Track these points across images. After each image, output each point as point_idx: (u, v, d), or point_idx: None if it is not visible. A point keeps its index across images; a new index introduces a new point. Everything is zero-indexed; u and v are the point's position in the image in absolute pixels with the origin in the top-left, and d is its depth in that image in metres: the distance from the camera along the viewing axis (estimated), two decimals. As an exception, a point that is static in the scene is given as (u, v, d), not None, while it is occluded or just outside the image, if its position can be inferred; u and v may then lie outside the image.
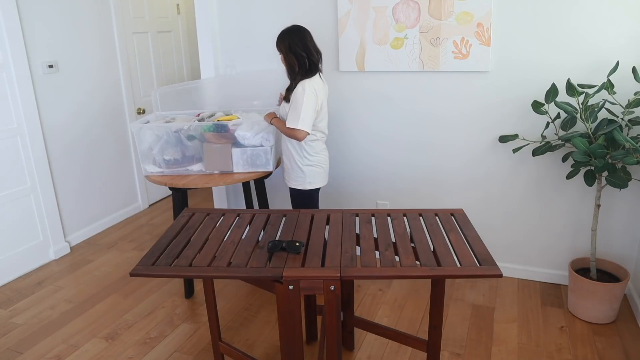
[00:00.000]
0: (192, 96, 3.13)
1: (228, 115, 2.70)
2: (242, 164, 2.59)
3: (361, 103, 2.91)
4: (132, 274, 1.60)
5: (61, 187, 3.36)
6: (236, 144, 2.59)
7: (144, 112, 4.01)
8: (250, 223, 1.97)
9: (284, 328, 1.64)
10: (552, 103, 2.39)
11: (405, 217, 1.95)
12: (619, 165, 2.31)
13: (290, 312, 1.61)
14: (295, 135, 2.30)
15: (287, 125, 2.30)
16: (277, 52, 2.38)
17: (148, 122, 2.67)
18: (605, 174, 2.30)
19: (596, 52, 2.40)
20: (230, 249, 1.74)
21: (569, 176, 2.40)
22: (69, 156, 3.41)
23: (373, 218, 2.01)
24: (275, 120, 2.43)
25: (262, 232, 1.89)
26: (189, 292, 2.81)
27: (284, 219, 1.99)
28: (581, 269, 2.55)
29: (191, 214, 2.08)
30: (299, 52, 2.32)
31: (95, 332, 2.50)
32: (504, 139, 2.61)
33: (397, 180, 2.97)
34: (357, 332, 2.42)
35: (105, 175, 3.75)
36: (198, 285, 2.89)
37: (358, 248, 2.67)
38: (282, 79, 3.05)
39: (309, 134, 2.31)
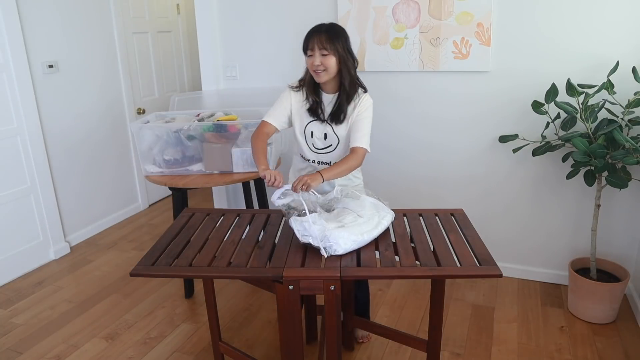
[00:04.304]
0: (206, 102, 3.17)
1: (228, 115, 2.70)
2: (242, 164, 2.59)
3: (361, 103, 2.91)
4: (132, 274, 1.60)
5: (61, 187, 3.36)
6: (236, 144, 2.59)
7: (144, 112, 4.01)
8: (250, 223, 1.97)
9: (284, 328, 1.64)
10: (552, 103, 2.39)
11: (405, 217, 1.95)
12: (619, 165, 2.31)
13: (290, 312, 1.61)
14: (362, 160, 1.88)
15: (361, 146, 1.87)
16: (301, 55, 1.93)
17: (148, 122, 2.67)
18: (605, 174, 2.30)
19: (596, 52, 2.40)
20: (230, 249, 1.74)
21: (569, 176, 2.40)
22: (69, 156, 3.41)
23: (373, 218, 2.01)
24: (328, 173, 1.79)
25: (262, 232, 1.88)
26: (189, 292, 2.81)
27: (284, 219, 1.99)
28: (581, 269, 2.55)
29: (191, 214, 2.08)
30: (355, 57, 1.92)
31: (95, 332, 2.50)
32: (504, 139, 2.61)
33: (397, 180, 2.97)
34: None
35: (105, 175, 3.75)
36: (198, 285, 2.88)
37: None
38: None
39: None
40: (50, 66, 3.19)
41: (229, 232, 1.89)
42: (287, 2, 2.91)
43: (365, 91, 1.97)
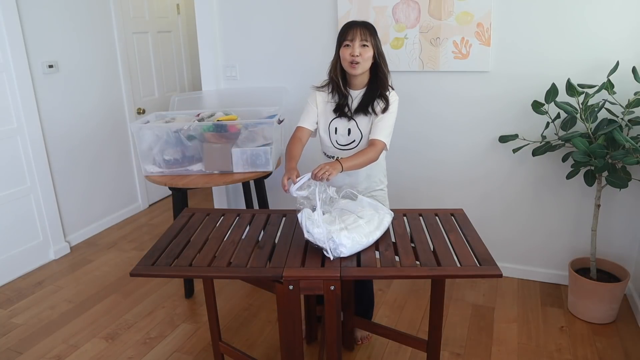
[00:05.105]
0: (206, 102, 3.16)
1: (228, 115, 2.70)
2: (242, 164, 2.59)
3: (361, 103, 2.91)
4: (132, 274, 1.60)
5: (61, 187, 3.36)
6: (236, 144, 2.59)
7: (144, 112, 4.01)
8: (250, 223, 1.97)
9: (284, 328, 1.64)
10: (552, 103, 2.39)
11: (405, 217, 1.95)
12: (619, 165, 2.31)
13: (290, 312, 1.61)
14: (379, 154, 1.91)
15: (380, 139, 1.89)
16: (335, 48, 1.94)
17: (148, 122, 2.67)
18: (605, 174, 2.30)
19: (596, 52, 2.40)
20: (230, 249, 1.74)
21: (569, 176, 2.40)
22: (69, 156, 3.41)
23: (373, 218, 2.01)
24: (347, 163, 1.78)
25: (262, 232, 1.88)
26: (189, 292, 2.81)
27: (284, 219, 1.99)
28: (581, 269, 2.55)
29: (191, 214, 2.08)
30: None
31: (95, 332, 2.50)
32: (504, 139, 2.61)
33: (397, 180, 2.96)
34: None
35: (105, 175, 3.75)
36: (198, 285, 2.88)
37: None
38: (291, 95, 3.02)
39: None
40: (50, 66, 3.19)
41: (229, 232, 1.89)
42: (287, 2, 2.91)
43: (392, 89, 1.99)
